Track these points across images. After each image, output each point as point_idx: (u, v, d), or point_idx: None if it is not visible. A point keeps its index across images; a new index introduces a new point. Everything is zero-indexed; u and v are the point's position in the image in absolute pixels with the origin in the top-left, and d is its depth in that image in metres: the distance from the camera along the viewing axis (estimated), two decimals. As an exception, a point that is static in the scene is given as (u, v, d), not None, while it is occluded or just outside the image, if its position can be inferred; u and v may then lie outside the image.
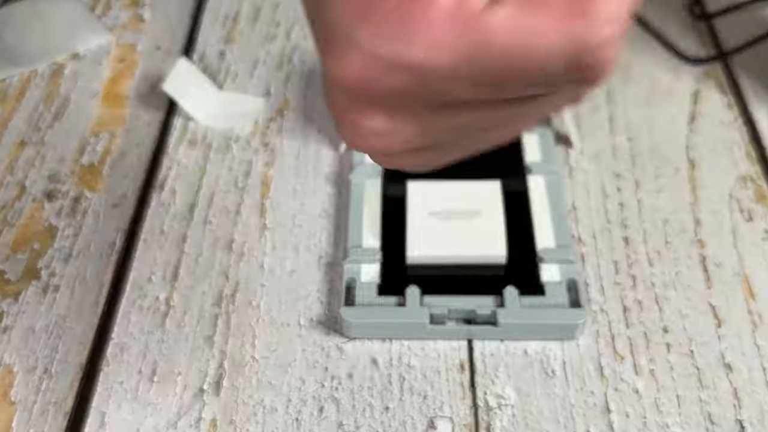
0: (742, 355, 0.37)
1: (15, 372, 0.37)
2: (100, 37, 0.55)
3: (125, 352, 0.38)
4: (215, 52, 0.54)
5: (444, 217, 0.40)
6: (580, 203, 0.44)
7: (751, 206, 0.43)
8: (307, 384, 0.36)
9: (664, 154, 0.46)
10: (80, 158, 0.47)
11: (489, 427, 0.35)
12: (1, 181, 0.46)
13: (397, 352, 0.38)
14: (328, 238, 0.42)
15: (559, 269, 0.39)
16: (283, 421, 0.35)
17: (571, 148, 0.47)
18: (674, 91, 0.50)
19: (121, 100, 0.51)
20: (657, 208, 0.43)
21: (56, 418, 0.36)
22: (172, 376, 0.37)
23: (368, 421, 0.35)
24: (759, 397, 0.35)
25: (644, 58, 0.52)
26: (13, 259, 0.42)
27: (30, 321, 0.39)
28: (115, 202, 0.45)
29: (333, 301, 0.40)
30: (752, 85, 0.50)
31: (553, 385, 0.36)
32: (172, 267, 0.41)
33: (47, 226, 0.44)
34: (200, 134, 0.48)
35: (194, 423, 0.35)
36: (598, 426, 0.35)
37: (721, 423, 0.35)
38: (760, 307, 0.39)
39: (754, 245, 0.41)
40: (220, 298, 0.40)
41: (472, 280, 0.39)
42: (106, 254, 0.42)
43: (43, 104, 0.51)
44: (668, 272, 0.40)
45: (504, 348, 0.38)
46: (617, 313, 0.39)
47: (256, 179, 0.46)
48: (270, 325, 0.39)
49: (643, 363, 0.37)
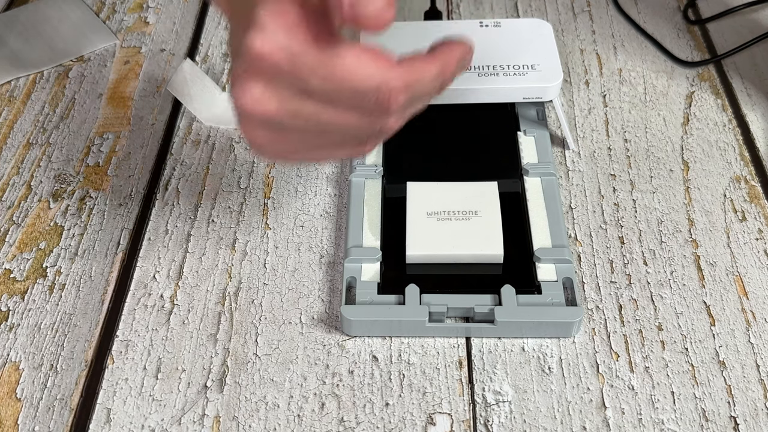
0: (735, 353, 0.38)
1: (21, 369, 0.38)
2: (105, 40, 0.56)
3: (130, 349, 0.39)
4: (219, 53, 0.55)
5: (443, 217, 0.41)
6: (576, 203, 0.44)
7: (744, 206, 0.44)
8: (309, 381, 0.37)
9: (659, 155, 0.47)
10: (86, 158, 0.48)
11: (487, 423, 0.35)
12: (8, 181, 0.47)
13: (397, 350, 0.38)
14: (329, 238, 0.43)
15: (556, 268, 0.40)
16: (285, 417, 0.36)
17: (568, 149, 0.47)
18: (669, 94, 0.51)
19: (126, 102, 0.52)
20: (652, 208, 0.44)
21: (62, 414, 0.36)
22: (176, 373, 0.38)
23: (368, 417, 0.36)
24: (752, 394, 0.36)
25: (639, 61, 0.53)
26: (20, 258, 0.43)
27: (36, 319, 0.40)
28: (120, 201, 0.45)
29: (334, 300, 0.40)
30: (745, 88, 0.51)
31: (549, 382, 0.37)
32: (177, 266, 0.42)
33: (53, 225, 0.44)
34: (204, 135, 0.49)
35: (198, 419, 0.36)
36: (593, 422, 0.35)
37: (715, 419, 0.35)
38: (753, 305, 0.39)
39: (747, 245, 0.42)
40: (224, 296, 0.41)
41: (470, 279, 0.39)
42: (111, 253, 0.43)
43: (49, 106, 0.52)
44: (663, 271, 0.41)
45: (501, 345, 0.38)
46: (613, 312, 0.39)
47: (259, 180, 0.46)
48: (272, 323, 0.39)
49: (638, 360, 0.37)
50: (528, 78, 0.43)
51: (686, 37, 0.55)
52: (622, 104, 0.50)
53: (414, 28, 0.47)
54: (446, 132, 0.46)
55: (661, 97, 0.51)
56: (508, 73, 0.44)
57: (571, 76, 0.52)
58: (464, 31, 0.46)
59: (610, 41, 0.55)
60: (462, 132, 0.46)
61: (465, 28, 0.47)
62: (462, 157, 0.45)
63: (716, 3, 0.58)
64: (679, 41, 0.55)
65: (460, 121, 0.47)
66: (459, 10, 0.59)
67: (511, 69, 0.44)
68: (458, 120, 0.47)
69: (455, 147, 0.45)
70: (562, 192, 0.45)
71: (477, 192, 0.42)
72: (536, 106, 0.48)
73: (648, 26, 0.56)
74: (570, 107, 0.50)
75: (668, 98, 0.50)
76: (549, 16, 0.57)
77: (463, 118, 0.47)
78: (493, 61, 0.44)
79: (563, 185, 0.45)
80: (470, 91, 0.43)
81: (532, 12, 0.58)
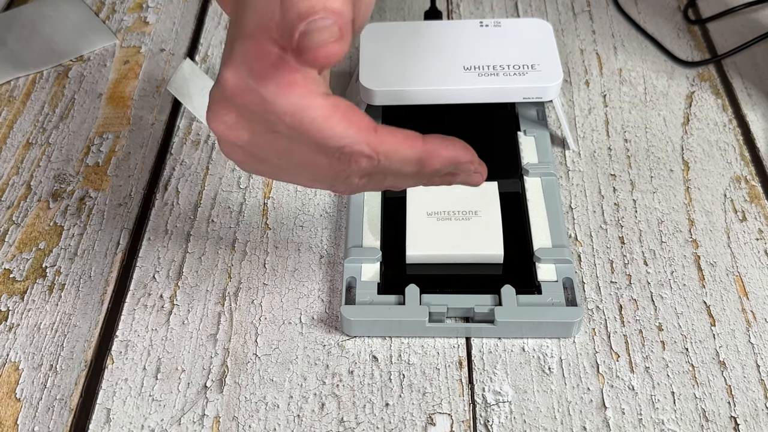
0: (736, 353, 0.38)
1: (21, 369, 0.38)
2: (104, 39, 0.56)
3: (130, 349, 0.39)
4: (219, 53, 0.55)
5: (443, 217, 0.41)
6: (576, 203, 0.44)
7: (745, 206, 0.44)
8: (309, 381, 0.37)
9: (659, 155, 0.47)
10: (85, 158, 0.48)
11: (487, 424, 0.35)
12: (8, 181, 0.47)
13: (397, 350, 0.38)
14: (328, 238, 0.43)
15: (556, 268, 0.40)
16: (285, 417, 0.36)
17: (568, 149, 0.47)
18: (669, 94, 0.51)
19: (125, 101, 0.52)
20: (652, 208, 0.44)
21: (62, 414, 0.36)
22: (176, 373, 0.38)
23: (368, 418, 0.36)
24: (753, 394, 0.36)
25: (639, 61, 0.53)
26: (20, 258, 0.43)
27: (36, 319, 0.40)
28: (120, 201, 0.45)
29: (334, 300, 0.40)
30: (746, 88, 0.51)
31: (549, 382, 0.37)
32: (176, 266, 0.42)
33: (53, 225, 0.44)
34: (204, 135, 0.49)
35: (198, 419, 0.36)
36: (594, 422, 0.35)
37: (715, 420, 0.35)
38: (753, 305, 0.39)
39: (747, 245, 0.42)
40: (223, 296, 0.41)
41: (470, 279, 0.39)
42: (110, 253, 0.43)
43: (48, 106, 0.52)
44: (663, 271, 0.41)
45: (502, 345, 0.38)
46: (613, 312, 0.39)
47: (258, 179, 0.46)
48: (272, 323, 0.39)
49: (638, 360, 0.37)
50: (528, 78, 0.43)
51: (686, 36, 0.55)
52: (623, 104, 0.50)
53: (414, 28, 0.47)
54: (446, 132, 0.46)
55: (661, 97, 0.50)
56: (508, 73, 0.43)
57: (571, 76, 0.52)
58: (464, 30, 0.46)
59: (610, 41, 0.55)
60: (462, 132, 0.46)
61: (465, 27, 0.47)
62: (462, 157, 0.45)
63: (716, 3, 0.58)
64: (680, 41, 0.55)
65: (460, 121, 0.47)
66: (459, 9, 0.59)
67: (511, 69, 0.44)
68: (458, 120, 0.47)
69: (455, 147, 0.45)
70: (563, 192, 0.45)
71: (477, 192, 0.42)
72: (536, 106, 0.48)
73: (648, 26, 0.56)
74: (570, 107, 0.50)
75: (668, 98, 0.50)
76: (549, 15, 0.57)
77: (463, 118, 0.47)
78: (493, 61, 0.44)
79: (563, 185, 0.45)
80: (470, 91, 0.43)
81: (532, 12, 0.58)
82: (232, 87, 0.29)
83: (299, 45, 0.27)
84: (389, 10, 0.59)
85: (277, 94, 0.28)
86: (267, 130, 0.30)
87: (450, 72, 0.44)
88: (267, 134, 0.30)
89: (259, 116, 0.29)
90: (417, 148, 0.31)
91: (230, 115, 0.30)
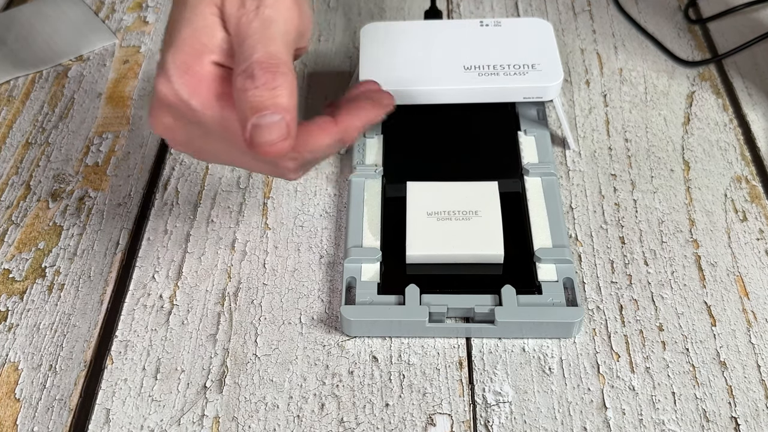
0: (736, 353, 0.37)
1: (20, 369, 0.38)
2: (104, 39, 0.56)
3: (129, 349, 0.38)
4: (217, 54, 0.55)
5: (443, 217, 0.41)
6: (576, 203, 0.44)
7: (745, 206, 0.44)
8: (308, 381, 0.37)
9: (660, 155, 0.47)
10: (85, 158, 0.48)
11: (487, 424, 0.35)
12: (7, 181, 0.47)
13: (397, 350, 0.38)
14: (328, 238, 0.43)
15: (556, 268, 0.40)
16: (285, 417, 0.36)
17: (568, 149, 0.47)
18: (669, 93, 0.51)
19: (125, 101, 0.51)
20: (652, 208, 0.44)
21: (61, 414, 0.36)
22: (176, 373, 0.37)
23: (368, 418, 0.36)
24: (753, 394, 0.36)
25: (640, 61, 0.53)
26: (19, 258, 0.43)
27: (35, 319, 0.40)
28: (119, 201, 0.45)
29: (333, 300, 0.40)
30: (746, 87, 0.51)
31: (550, 383, 0.37)
32: (176, 266, 0.42)
33: (52, 225, 0.44)
34: (203, 135, 0.49)
35: (197, 420, 0.36)
36: (594, 423, 0.35)
37: (716, 420, 0.35)
38: (754, 305, 0.39)
39: (748, 245, 0.42)
40: (223, 296, 0.40)
41: (470, 279, 0.39)
42: (110, 253, 0.43)
43: (48, 105, 0.51)
44: (663, 271, 0.41)
45: (502, 346, 0.38)
46: (613, 312, 0.39)
47: (258, 179, 0.46)
48: (272, 324, 0.39)
49: (639, 361, 0.37)
50: (528, 77, 0.43)
51: (687, 36, 0.55)
52: (623, 104, 0.50)
53: (414, 28, 0.47)
54: (446, 132, 0.46)
55: (661, 97, 0.50)
56: (508, 72, 0.43)
57: (572, 76, 0.52)
58: (464, 30, 0.46)
59: (611, 41, 0.55)
60: (462, 132, 0.46)
61: (465, 27, 0.47)
62: (462, 157, 0.45)
63: (717, 2, 0.57)
64: (680, 41, 0.55)
65: (460, 120, 0.47)
66: (459, 9, 0.58)
67: (511, 68, 0.44)
68: (458, 120, 0.47)
69: (455, 147, 0.45)
70: (563, 192, 0.45)
71: (477, 192, 0.42)
72: (537, 106, 0.48)
73: (649, 26, 0.56)
74: (570, 107, 0.50)
75: (669, 98, 0.50)
76: (549, 15, 0.57)
77: (463, 117, 0.47)
78: (494, 61, 0.44)
79: (564, 185, 0.45)
80: (470, 91, 0.43)
81: (533, 11, 0.58)
82: (163, 97, 0.32)
83: (251, 138, 0.30)
84: (389, 10, 0.58)
85: (204, 105, 0.31)
86: (202, 134, 0.33)
87: (450, 72, 0.44)
88: (203, 137, 0.33)
89: (192, 122, 0.32)
90: (333, 132, 0.34)
91: (167, 119, 0.33)
